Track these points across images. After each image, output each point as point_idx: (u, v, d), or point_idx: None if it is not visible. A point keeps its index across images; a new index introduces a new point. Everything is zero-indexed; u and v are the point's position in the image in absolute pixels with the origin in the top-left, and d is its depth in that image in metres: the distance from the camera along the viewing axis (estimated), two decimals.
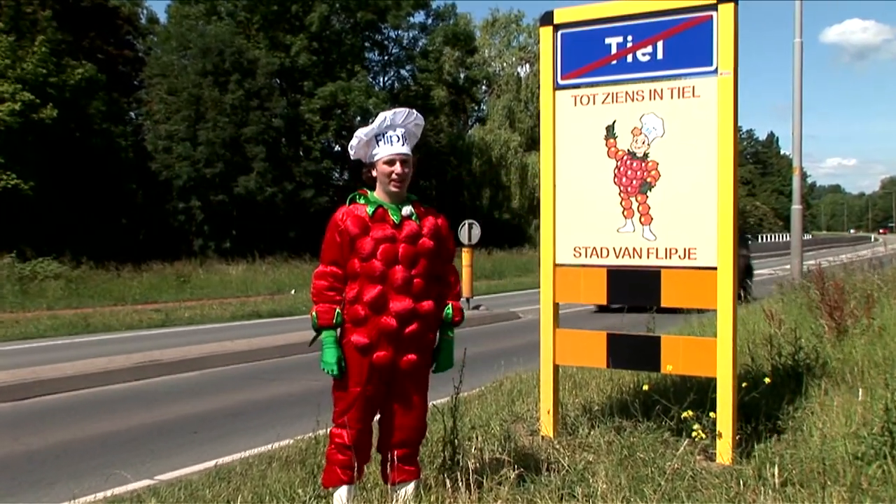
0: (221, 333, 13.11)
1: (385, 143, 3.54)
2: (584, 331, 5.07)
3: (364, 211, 3.53)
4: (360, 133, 3.58)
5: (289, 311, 17.16)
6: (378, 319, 3.48)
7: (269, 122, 32.24)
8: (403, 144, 3.55)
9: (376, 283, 3.47)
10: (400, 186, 3.54)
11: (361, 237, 3.49)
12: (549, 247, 4.97)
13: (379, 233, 3.49)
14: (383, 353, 3.50)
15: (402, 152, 3.54)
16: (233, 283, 23.26)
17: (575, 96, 4.90)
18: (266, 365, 10.09)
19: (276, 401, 7.81)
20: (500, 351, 10.30)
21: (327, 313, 3.52)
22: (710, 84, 4.49)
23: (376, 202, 3.56)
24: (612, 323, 7.48)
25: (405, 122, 3.62)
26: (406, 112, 3.63)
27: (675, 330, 9.46)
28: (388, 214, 3.53)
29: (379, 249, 3.47)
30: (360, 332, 3.51)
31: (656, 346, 4.65)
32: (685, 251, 4.57)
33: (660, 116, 4.63)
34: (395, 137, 3.55)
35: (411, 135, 3.65)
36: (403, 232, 3.52)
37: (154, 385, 8.85)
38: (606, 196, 4.78)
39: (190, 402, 7.82)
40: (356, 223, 3.50)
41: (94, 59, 30.48)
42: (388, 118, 3.57)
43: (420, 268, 3.53)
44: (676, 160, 4.59)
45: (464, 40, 42.93)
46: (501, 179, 42.88)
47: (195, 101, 31.17)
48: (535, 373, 6.66)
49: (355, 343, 3.51)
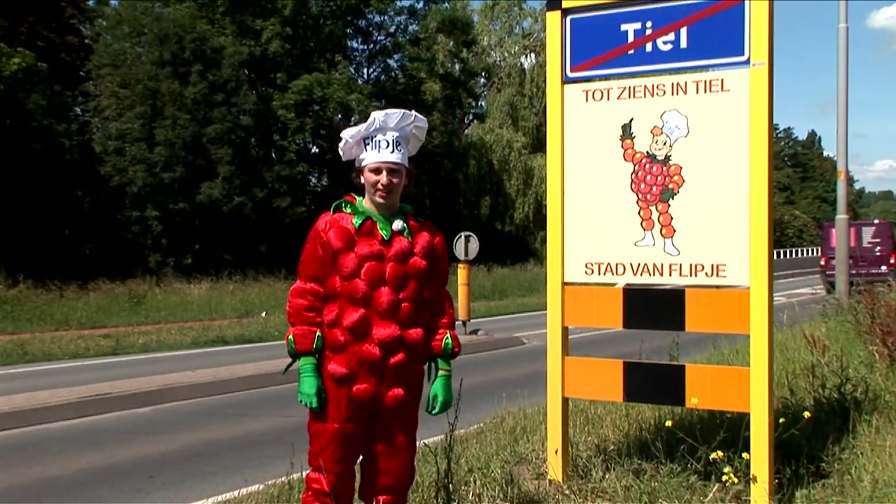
0: (181, 362, 13.06)
1: (373, 149, 3.55)
2: (598, 359, 5.08)
3: (350, 222, 3.54)
4: (346, 134, 3.60)
5: (259, 337, 17.12)
6: (359, 347, 3.49)
7: (237, 120, 32.26)
8: (393, 151, 3.55)
9: (359, 306, 3.48)
10: (386, 198, 3.55)
11: (345, 252, 3.49)
12: (556, 263, 4.99)
13: (365, 248, 3.50)
14: (364, 386, 3.51)
15: (390, 161, 3.53)
16: (194, 305, 23.20)
17: (586, 91, 4.93)
18: (233, 398, 10.06)
19: (244, 440, 7.77)
20: (502, 382, 10.29)
21: (306, 337, 3.52)
22: (741, 76, 4.53)
23: (364, 213, 3.57)
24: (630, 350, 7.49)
25: (399, 125, 3.61)
26: (400, 114, 3.61)
27: (702, 358, 9.46)
28: (376, 228, 3.54)
29: (363, 268, 3.48)
30: (338, 360, 3.51)
31: (680, 377, 4.66)
32: (713, 268, 4.59)
33: (683, 114, 4.66)
34: (383, 143, 3.55)
35: (408, 140, 3.65)
36: (392, 249, 3.53)
37: (102, 423, 8.81)
38: (622, 205, 4.80)
39: (144, 442, 7.78)
40: (340, 235, 3.51)
41: (33, 47, 30.48)
42: (377, 120, 3.57)
43: (409, 291, 3.54)
44: (703, 163, 4.62)
45: (460, 27, 43.11)
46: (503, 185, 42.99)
47: (151, 96, 31.19)
48: (541, 407, 6.64)
49: (332, 373, 3.52)
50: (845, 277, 16.15)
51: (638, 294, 4.79)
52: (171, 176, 30.66)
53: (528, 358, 13.10)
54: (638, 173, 4.76)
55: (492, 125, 43.18)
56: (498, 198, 43.52)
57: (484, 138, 42.88)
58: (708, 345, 10.30)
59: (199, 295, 24.93)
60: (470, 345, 14.82)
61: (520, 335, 16.45)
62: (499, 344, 15.48)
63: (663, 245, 4.71)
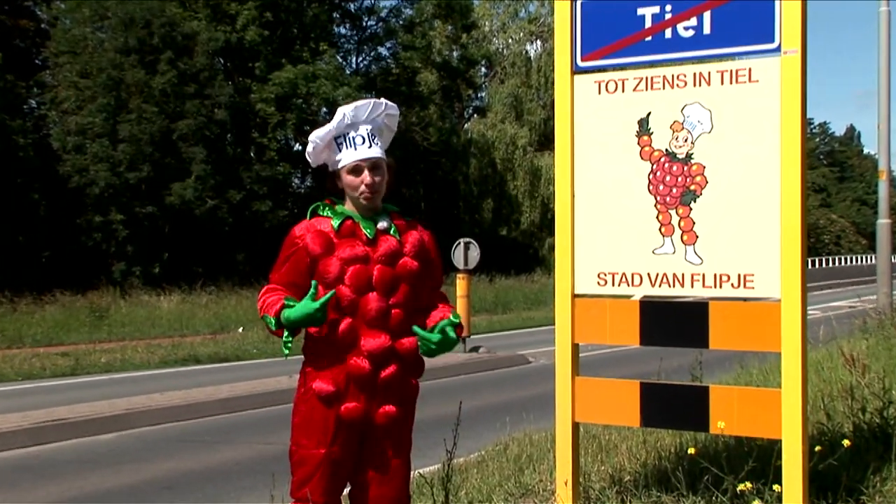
0: (148, 384, 13.05)
1: (348, 147, 3.57)
2: (612, 379, 5.08)
3: (328, 225, 3.55)
4: (314, 136, 3.60)
5: (236, 355, 17.10)
6: (346, 361, 3.50)
7: (211, 114, 32.30)
8: (371, 146, 3.57)
9: (344, 315, 3.48)
10: (372, 199, 3.56)
11: (325, 257, 3.50)
12: (566, 273, 4.99)
13: (347, 251, 3.50)
14: (354, 405, 3.50)
15: (370, 156, 3.55)
16: (163, 319, 23.18)
17: (599, 82, 4.94)
18: (207, 424, 10.06)
19: (219, 469, 7.77)
20: (505, 404, 10.29)
21: (274, 302, 3.44)
22: (770, 66, 4.54)
23: (344, 214, 3.59)
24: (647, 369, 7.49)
25: (371, 115, 3.63)
26: (370, 104, 3.64)
27: (729, 378, 9.46)
28: (358, 228, 3.55)
29: (347, 272, 3.48)
30: (323, 377, 3.51)
31: (704, 400, 4.66)
32: (740, 278, 4.59)
33: (707, 107, 4.67)
34: (358, 139, 3.57)
35: (382, 130, 3.67)
36: (379, 250, 3.54)
37: (60, 451, 8.79)
38: (639, 208, 4.80)
39: (107, 473, 7.76)
40: (318, 240, 3.52)
41: None
42: (347, 115, 3.58)
43: (400, 295, 3.54)
44: (728, 162, 4.62)
45: (459, 11, 43.23)
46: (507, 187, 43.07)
47: (115, 87, 31.21)
48: (549, 433, 6.63)
49: (318, 391, 3.51)
50: (888, 289, 16.17)
51: (656, 307, 4.79)
52: (138, 176, 30.65)
53: (534, 378, 13.10)
54: (656, 173, 4.76)
55: (494, 120, 43.27)
56: (501, 200, 43.59)
57: (486, 134, 42.96)
58: (734, 364, 10.30)
59: (169, 308, 24.90)
60: (470, 363, 14.82)
61: (525, 353, 16.46)
62: (502, 363, 15.48)
63: (684, 253, 4.71)
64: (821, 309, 22.39)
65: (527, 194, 42.58)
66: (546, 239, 41.37)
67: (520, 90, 43.84)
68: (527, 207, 42.77)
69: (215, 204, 31.59)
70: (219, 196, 31.79)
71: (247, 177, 33.26)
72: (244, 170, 33.54)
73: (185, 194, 30.86)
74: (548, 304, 26.95)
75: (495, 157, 42.60)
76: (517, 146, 42.28)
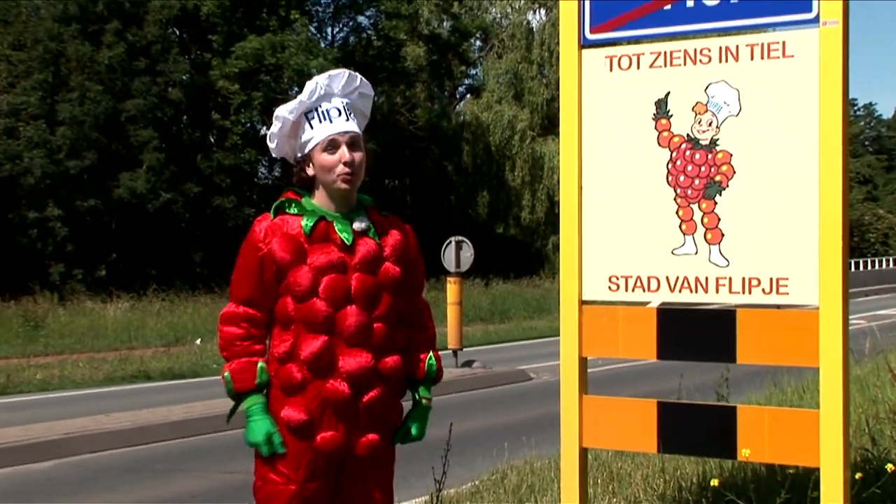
0: (91, 403, 13.00)
1: (321, 121, 3.55)
2: (625, 398, 5.09)
3: (298, 226, 3.52)
4: (282, 111, 3.58)
5: (192, 370, 17.06)
6: (322, 385, 3.47)
7: (165, 94, 32.24)
8: (348, 119, 3.57)
9: (319, 333, 3.47)
10: (351, 181, 3.53)
11: (295, 266, 3.47)
12: (572, 276, 5.00)
13: (321, 258, 3.48)
14: (331, 434, 3.49)
15: (348, 129, 3.54)
16: (109, 330, 23.11)
17: (611, 57, 4.94)
18: (159, 450, 10.02)
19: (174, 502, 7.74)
20: (503, 427, 10.30)
21: (245, 371, 3.52)
22: (807, 39, 4.54)
23: (315, 212, 3.56)
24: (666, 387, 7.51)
25: (346, 89, 3.64)
26: (345, 74, 3.65)
27: (759, 397, 9.49)
28: (333, 230, 3.53)
29: (322, 283, 3.47)
30: (294, 403, 3.49)
31: (731, 422, 4.66)
32: (772, 283, 4.60)
33: (734, 86, 4.68)
34: (334, 111, 3.56)
35: (357, 111, 3.68)
36: (357, 255, 3.52)
37: None
38: (656, 202, 4.81)
39: None
40: (286, 245, 3.49)
41: None
42: (320, 85, 3.58)
43: (382, 307, 3.54)
44: (758, 149, 4.63)
45: None
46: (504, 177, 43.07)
47: (53, 61, 31.15)
48: (552, 460, 6.64)
49: (288, 421, 3.49)
50: None
51: (676, 316, 4.80)
52: (80, 165, 30.59)
53: (535, 397, 13.10)
54: (676, 162, 4.77)
55: (490, 100, 43.25)
56: (498, 193, 43.59)
57: (480, 117, 42.93)
58: (766, 381, 10.32)
59: (116, 317, 24.81)
60: (462, 380, 14.80)
61: (526, 368, 16.46)
62: (499, 379, 15.47)
63: (708, 253, 4.71)
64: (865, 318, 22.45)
65: (527, 186, 42.57)
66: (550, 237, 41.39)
67: (520, 66, 43.80)
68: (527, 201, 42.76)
69: (170, 197, 31.53)
70: (174, 188, 31.72)
71: (206, 166, 33.19)
72: (203, 158, 33.48)
73: (134, 186, 30.79)
74: (552, 312, 26.95)
75: (491, 142, 42.57)
76: (516, 130, 42.26)
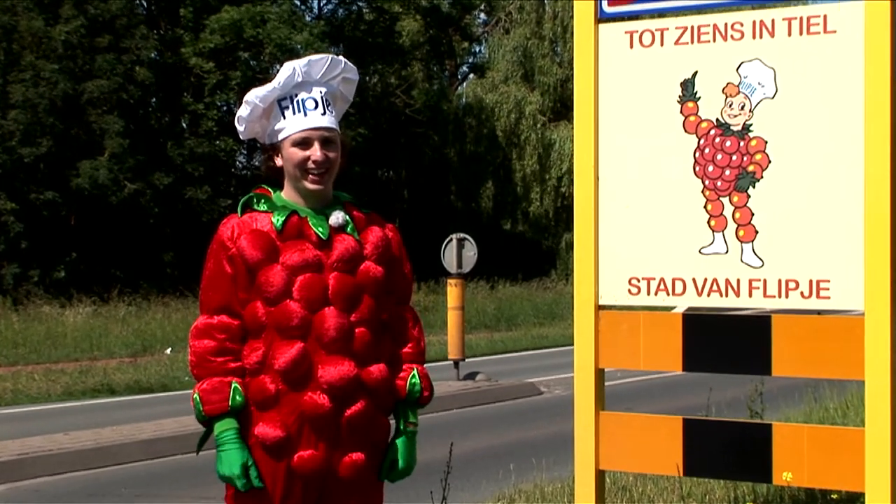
0: (49, 421, 12.98)
1: (295, 112, 3.57)
2: (647, 415, 5.09)
3: (268, 222, 3.54)
4: (252, 96, 3.60)
5: (161, 384, 17.04)
6: (299, 397, 3.48)
7: (130, 73, 32.22)
8: (325, 113, 3.59)
9: (294, 339, 3.48)
10: (321, 181, 3.56)
11: (266, 265, 3.49)
12: (588, 278, 4.99)
13: (294, 256, 3.50)
14: (310, 454, 3.50)
15: (322, 125, 3.57)
16: (69, 338, 23.06)
17: (631, 33, 4.94)
18: (124, 472, 10.01)
19: None
20: (510, 447, 10.30)
21: (217, 392, 3.50)
22: (851, 12, 4.54)
23: (287, 207, 3.58)
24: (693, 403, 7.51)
25: (327, 76, 3.66)
26: (327, 59, 3.66)
27: (798, 414, 9.48)
28: (307, 225, 3.55)
29: (296, 283, 3.48)
30: (269, 419, 3.50)
31: (765, 442, 4.66)
32: (811, 285, 4.60)
33: (769, 65, 4.68)
34: (310, 102, 3.58)
35: (336, 98, 3.70)
36: (335, 252, 3.53)
37: None
38: (682, 195, 4.81)
39: None
40: (256, 242, 3.51)
41: None
42: (298, 70, 3.60)
43: (364, 309, 3.54)
44: (796, 136, 4.63)
45: None
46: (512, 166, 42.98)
47: (4, 37, 31.13)
48: (566, 483, 6.64)
49: (262, 438, 3.50)
50: None
51: (704, 323, 4.80)
52: (34, 153, 30.54)
53: (546, 413, 13.09)
54: (704, 150, 4.77)
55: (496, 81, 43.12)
56: (505, 185, 43.52)
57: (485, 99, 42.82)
58: (805, 395, 10.32)
59: (76, 324, 24.77)
60: (464, 395, 14.79)
61: (535, 381, 16.44)
62: (506, 393, 15.45)
63: (740, 252, 4.72)
64: None
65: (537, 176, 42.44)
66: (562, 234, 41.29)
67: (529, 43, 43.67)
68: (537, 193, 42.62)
69: (136, 189, 31.48)
70: (141, 179, 31.65)
71: (177, 154, 33.13)
72: (174, 145, 33.43)
73: (96, 176, 30.73)
74: (565, 319, 26.92)
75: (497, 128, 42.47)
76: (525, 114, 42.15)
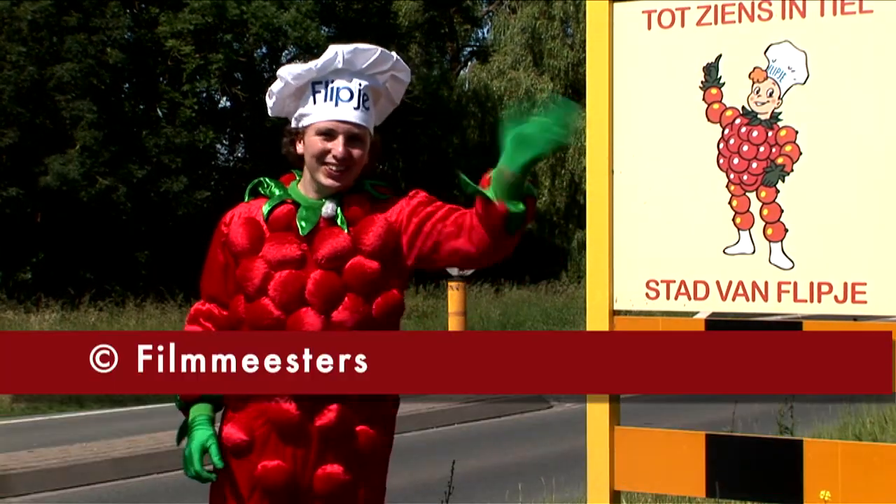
0: (13, 437, 13.03)
1: (326, 100, 3.57)
2: (667, 430, 5.08)
3: (259, 210, 3.60)
4: (287, 72, 3.61)
5: (135, 397, 16.97)
6: (266, 402, 3.49)
7: (102, 56, 32.28)
8: (359, 107, 3.57)
9: None
10: (339, 178, 3.55)
11: (249, 256, 3.54)
12: (602, 280, 4.98)
13: (275, 250, 3.53)
14: (275, 465, 3.51)
15: (351, 120, 3.55)
16: None
17: (649, 12, 4.93)
18: (94, 493, 10.06)
19: None
20: (517, 465, 10.36)
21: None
22: None
23: (281, 195, 3.61)
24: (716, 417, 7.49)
25: (372, 69, 3.64)
26: (376, 51, 3.65)
27: (832, 429, 9.47)
28: (293, 216, 3.57)
29: (273, 279, 3.51)
30: (236, 422, 3.55)
31: (796, 459, 4.65)
32: (846, 289, 4.59)
33: (800, 48, 4.66)
34: (344, 92, 3.57)
35: (379, 96, 3.69)
36: (320, 248, 3.54)
37: None
38: (705, 190, 4.81)
39: None
40: (245, 230, 3.57)
41: None
42: (340, 55, 3.59)
43: (345, 311, 3.52)
44: (829, 125, 4.62)
45: None
46: None
47: None
48: None
49: (227, 440, 3.54)
50: None
51: (729, 327, 4.76)
52: None
53: (557, 429, 13.14)
54: (729, 141, 4.76)
55: (502, 65, 43.32)
56: None
57: (489, 85, 43.00)
58: (840, 409, 10.32)
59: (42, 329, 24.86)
60: (467, 409, 14.83)
61: None
62: (512, 407, 15.47)
63: (768, 253, 4.71)
64: None
65: (547, 170, 42.61)
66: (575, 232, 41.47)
67: (538, 24, 43.85)
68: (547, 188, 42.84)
69: (109, 184, 31.51)
70: (113, 173, 31.69)
71: (153, 145, 33.12)
72: (150, 135, 33.42)
73: (65, 171, 30.76)
74: (576, 325, 27.02)
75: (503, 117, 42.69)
76: (535, 102, 42.37)
